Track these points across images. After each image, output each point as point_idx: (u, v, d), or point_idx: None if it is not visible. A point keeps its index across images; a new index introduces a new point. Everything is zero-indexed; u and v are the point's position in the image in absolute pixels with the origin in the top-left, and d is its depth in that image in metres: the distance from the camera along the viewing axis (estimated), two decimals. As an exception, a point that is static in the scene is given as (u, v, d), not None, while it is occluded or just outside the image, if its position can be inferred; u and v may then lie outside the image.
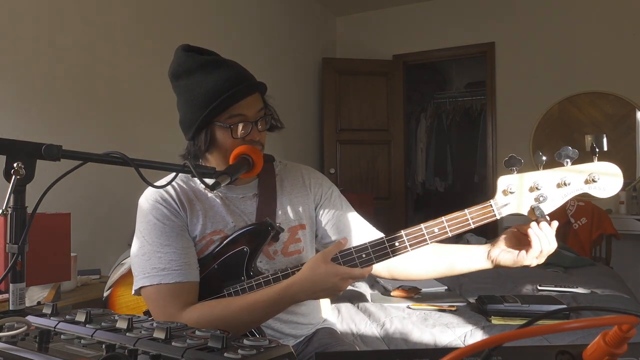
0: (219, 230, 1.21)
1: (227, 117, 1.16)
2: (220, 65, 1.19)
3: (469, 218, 1.02)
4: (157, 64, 3.18)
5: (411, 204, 6.29)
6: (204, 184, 1.02)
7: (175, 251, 1.13)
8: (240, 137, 1.17)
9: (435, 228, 1.04)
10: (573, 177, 0.96)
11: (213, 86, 1.15)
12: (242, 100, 1.16)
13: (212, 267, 1.18)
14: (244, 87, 1.16)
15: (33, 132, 2.41)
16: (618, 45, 4.25)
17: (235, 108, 1.16)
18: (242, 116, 1.17)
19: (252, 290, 1.13)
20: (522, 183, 0.98)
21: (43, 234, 1.68)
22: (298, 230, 1.28)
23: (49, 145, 0.86)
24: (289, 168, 1.37)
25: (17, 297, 0.84)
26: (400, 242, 1.06)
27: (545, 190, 0.97)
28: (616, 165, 0.97)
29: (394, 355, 0.65)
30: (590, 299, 2.25)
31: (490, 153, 4.81)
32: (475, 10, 4.81)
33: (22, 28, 2.42)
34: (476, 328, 1.86)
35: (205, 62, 1.19)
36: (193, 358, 0.59)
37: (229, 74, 1.16)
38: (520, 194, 0.98)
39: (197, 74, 1.18)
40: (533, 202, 0.98)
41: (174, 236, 1.15)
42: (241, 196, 1.27)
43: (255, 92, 1.20)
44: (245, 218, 1.24)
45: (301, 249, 1.28)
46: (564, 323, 0.45)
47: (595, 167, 0.95)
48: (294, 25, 4.67)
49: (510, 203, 0.99)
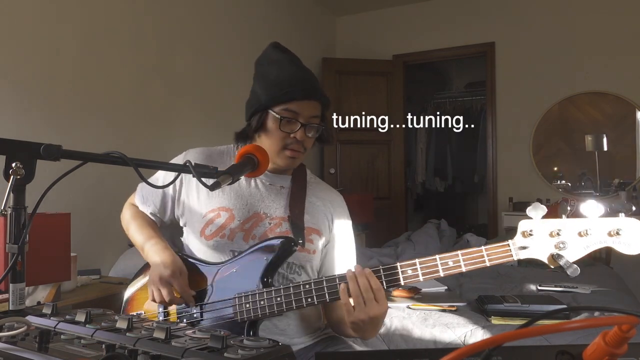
0: (227, 208, 1.28)
1: (282, 109, 1.25)
2: (296, 66, 1.29)
3: (485, 255, 1.00)
4: (157, 64, 3.18)
5: (411, 204, 6.29)
6: (202, 184, 1.02)
7: None
8: (286, 131, 1.25)
9: (450, 261, 1.02)
10: (596, 229, 0.92)
11: (282, 78, 1.26)
12: (300, 100, 1.24)
13: (230, 272, 1.20)
14: (307, 90, 1.26)
15: (33, 132, 2.41)
16: (618, 45, 4.25)
17: (292, 105, 1.24)
18: (295, 114, 1.25)
19: (262, 299, 1.14)
20: (544, 227, 0.95)
21: (43, 234, 1.67)
22: (313, 233, 1.30)
23: (48, 145, 0.86)
24: (322, 186, 1.45)
25: (17, 297, 0.84)
26: (413, 269, 1.05)
27: (566, 238, 0.94)
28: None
29: (394, 355, 0.65)
30: (590, 299, 2.25)
31: (490, 153, 4.81)
32: (475, 10, 4.80)
33: (22, 28, 2.42)
34: (476, 328, 1.86)
35: (284, 58, 1.30)
36: (193, 358, 0.59)
37: (299, 75, 1.27)
38: (540, 238, 0.95)
39: (275, 66, 1.29)
40: (553, 248, 0.95)
41: None
42: (269, 183, 1.33)
43: (315, 99, 1.27)
44: (268, 203, 1.30)
45: (312, 250, 1.29)
46: (564, 323, 0.45)
47: (620, 220, 0.92)
48: (294, 25, 4.67)
49: (529, 247, 0.96)
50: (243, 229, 1.27)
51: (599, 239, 0.93)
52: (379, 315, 1.06)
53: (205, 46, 3.55)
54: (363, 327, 1.09)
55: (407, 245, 3.71)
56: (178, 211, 1.35)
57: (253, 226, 1.27)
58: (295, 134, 1.24)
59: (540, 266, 3.08)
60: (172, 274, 1.18)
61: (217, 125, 3.64)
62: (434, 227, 3.97)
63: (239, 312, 1.15)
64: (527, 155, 4.58)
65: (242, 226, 1.27)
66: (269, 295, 1.13)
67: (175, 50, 3.30)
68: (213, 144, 1.43)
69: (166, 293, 1.17)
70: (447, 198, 6.16)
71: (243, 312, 1.15)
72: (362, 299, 1.05)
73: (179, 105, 3.33)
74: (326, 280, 1.11)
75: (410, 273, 1.05)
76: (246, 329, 1.15)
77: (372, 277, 1.06)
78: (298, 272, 1.28)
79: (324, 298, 1.10)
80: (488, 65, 4.78)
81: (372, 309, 1.05)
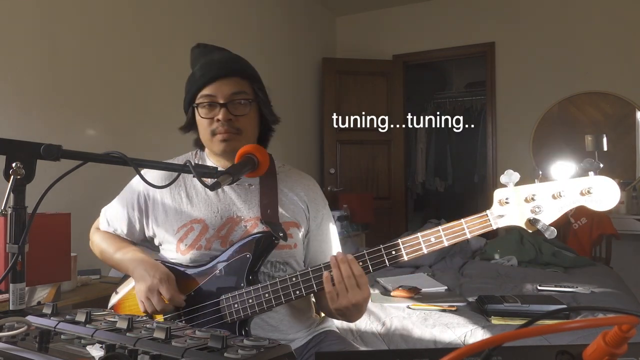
0: (199, 219, 1.25)
1: (199, 97, 1.24)
2: (209, 54, 1.27)
3: (465, 228, 1.02)
4: (157, 64, 3.18)
5: (411, 204, 6.29)
6: (203, 184, 1.02)
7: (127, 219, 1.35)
8: (209, 117, 1.23)
9: (432, 237, 1.04)
10: (568, 189, 0.96)
11: (194, 73, 1.26)
12: (214, 81, 1.22)
13: (214, 274, 1.18)
14: (216, 70, 1.22)
15: (33, 132, 2.41)
16: (618, 45, 4.25)
17: (206, 89, 1.23)
18: (212, 97, 1.22)
19: (249, 297, 1.13)
20: (518, 194, 0.98)
21: (43, 234, 1.67)
22: (290, 227, 1.27)
23: (48, 145, 0.86)
24: (292, 173, 1.37)
25: (17, 297, 0.84)
26: (397, 250, 1.06)
27: (541, 202, 0.97)
28: (611, 179, 0.97)
29: (394, 355, 0.65)
30: (590, 299, 2.25)
31: (490, 153, 4.81)
32: (475, 10, 4.80)
33: (23, 28, 2.42)
34: (476, 328, 1.86)
35: (199, 54, 1.29)
36: (193, 358, 0.59)
37: (209, 60, 1.25)
38: (516, 204, 0.98)
39: (193, 65, 1.29)
40: (529, 213, 0.98)
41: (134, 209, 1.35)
42: (236, 183, 1.25)
43: (230, 75, 1.23)
44: (239, 205, 1.26)
45: (292, 245, 1.26)
46: (564, 323, 0.45)
47: (591, 179, 0.95)
48: (294, 25, 4.67)
49: (506, 214, 0.99)
50: (219, 237, 1.23)
51: (572, 199, 0.96)
52: (362, 301, 1.08)
53: (205, 46, 3.54)
54: (347, 313, 1.10)
55: (407, 245, 3.70)
56: (149, 232, 1.33)
57: (229, 232, 1.24)
58: (218, 115, 1.21)
59: (540, 266, 3.08)
60: (159, 281, 1.15)
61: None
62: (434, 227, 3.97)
63: (228, 314, 1.14)
64: (527, 155, 4.58)
65: (217, 234, 1.24)
66: (256, 293, 1.12)
67: (175, 50, 3.30)
68: None
69: (156, 301, 1.14)
70: (447, 198, 6.16)
71: (232, 312, 1.14)
72: (345, 286, 1.06)
73: (178, 106, 3.33)
74: (312, 271, 1.11)
75: (395, 254, 1.06)
76: (237, 328, 1.14)
77: (354, 264, 1.07)
78: (283, 269, 1.25)
79: (312, 289, 1.10)
80: (488, 65, 4.78)
81: (354, 295, 1.06)
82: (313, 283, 1.10)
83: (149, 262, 1.21)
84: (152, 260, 1.22)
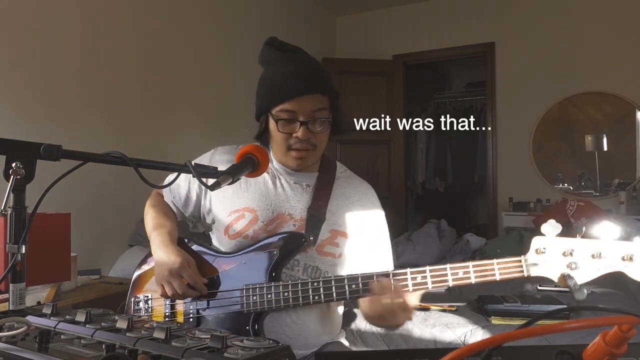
0: (252, 209, 1.26)
1: (279, 110, 1.21)
2: (290, 61, 1.23)
3: (495, 269, 1.00)
4: (157, 64, 3.18)
5: (411, 204, 6.29)
6: (202, 184, 1.02)
7: None
8: (286, 132, 1.21)
9: (460, 271, 1.02)
10: (610, 252, 0.91)
11: (275, 79, 1.22)
12: (296, 97, 1.19)
13: (239, 263, 1.21)
14: (301, 86, 1.19)
15: (33, 132, 2.41)
16: (618, 45, 4.25)
17: (288, 104, 1.19)
18: (293, 113, 1.20)
19: (269, 292, 1.14)
20: (557, 246, 0.95)
21: (43, 234, 1.67)
22: (338, 236, 1.27)
23: (48, 145, 0.85)
24: (353, 179, 1.38)
25: (17, 297, 0.84)
26: (423, 277, 1.05)
27: (578, 259, 0.93)
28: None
29: (394, 355, 0.65)
30: (590, 299, 2.25)
31: (490, 153, 4.81)
32: (475, 10, 4.80)
33: (23, 28, 2.42)
34: (476, 328, 1.86)
35: (277, 57, 1.25)
36: (193, 358, 0.59)
37: (292, 71, 1.21)
38: (553, 256, 0.95)
39: (269, 66, 1.26)
40: (565, 268, 0.94)
41: None
42: (294, 182, 1.30)
43: (313, 92, 1.20)
44: (293, 204, 1.27)
45: (337, 254, 1.26)
46: (564, 323, 0.45)
47: (636, 246, 0.89)
48: (294, 25, 4.67)
49: (540, 264, 0.96)
50: (266, 231, 1.24)
51: (611, 262, 0.92)
52: (407, 319, 1.11)
53: (206, 46, 3.54)
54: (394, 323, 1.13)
55: (407, 245, 3.70)
56: (204, 209, 1.35)
57: (277, 228, 1.25)
58: (297, 133, 1.20)
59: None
60: (180, 265, 1.16)
61: (218, 125, 3.64)
62: (434, 227, 3.96)
63: (245, 304, 1.16)
64: (527, 155, 4.58)
65: (265, 228, 1.25)
66: (276, 290, 1.14)
67: (175, 50, 3.30)
68: (213, 145, 1.42)
69: (177, 285, 1.15)
70: (447, 198, 6.16)
71: (250, 303, 1.15)
72: (393, 311, 1.06)
73: (179, 106, 3.33)
74: (335, 280, 1.10)
75: (420, 280, 1.05)
76: (251, 321, 1.16)
77: (397, 295, 1.05)
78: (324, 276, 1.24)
79: (331, 297, 1.10)
80: (488, 65, 4.78)
81: (401, 318, 1.09)
82: (333, 292, 1.10)
83: (172, 248, 1.21)
84: (175, 246, 1.22)
